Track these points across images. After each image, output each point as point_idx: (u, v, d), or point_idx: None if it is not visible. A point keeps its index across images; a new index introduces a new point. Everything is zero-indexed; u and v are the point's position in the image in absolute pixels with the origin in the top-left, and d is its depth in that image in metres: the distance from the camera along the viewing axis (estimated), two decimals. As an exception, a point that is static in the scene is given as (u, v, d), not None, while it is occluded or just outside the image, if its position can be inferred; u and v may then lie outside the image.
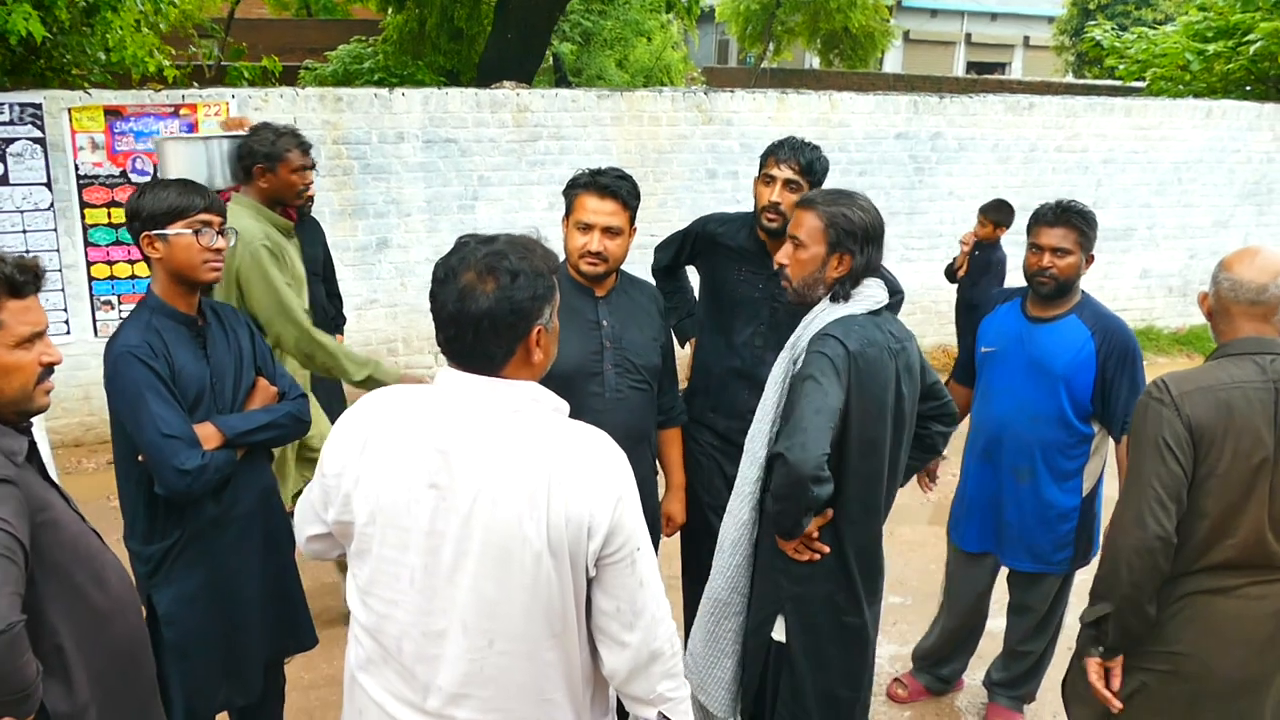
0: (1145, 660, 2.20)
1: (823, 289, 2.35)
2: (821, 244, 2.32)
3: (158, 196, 2.24)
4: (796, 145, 2.79)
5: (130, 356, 2.18)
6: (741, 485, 2.41)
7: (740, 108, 7.17)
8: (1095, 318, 2.95)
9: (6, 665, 1.44)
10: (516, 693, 1.59)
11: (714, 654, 2.48)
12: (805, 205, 2.37)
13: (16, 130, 5.51)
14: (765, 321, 2.84)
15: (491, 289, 1.55)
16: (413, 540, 1.55)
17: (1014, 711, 3.37)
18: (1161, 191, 8.47)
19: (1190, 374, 2.13)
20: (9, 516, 1.53)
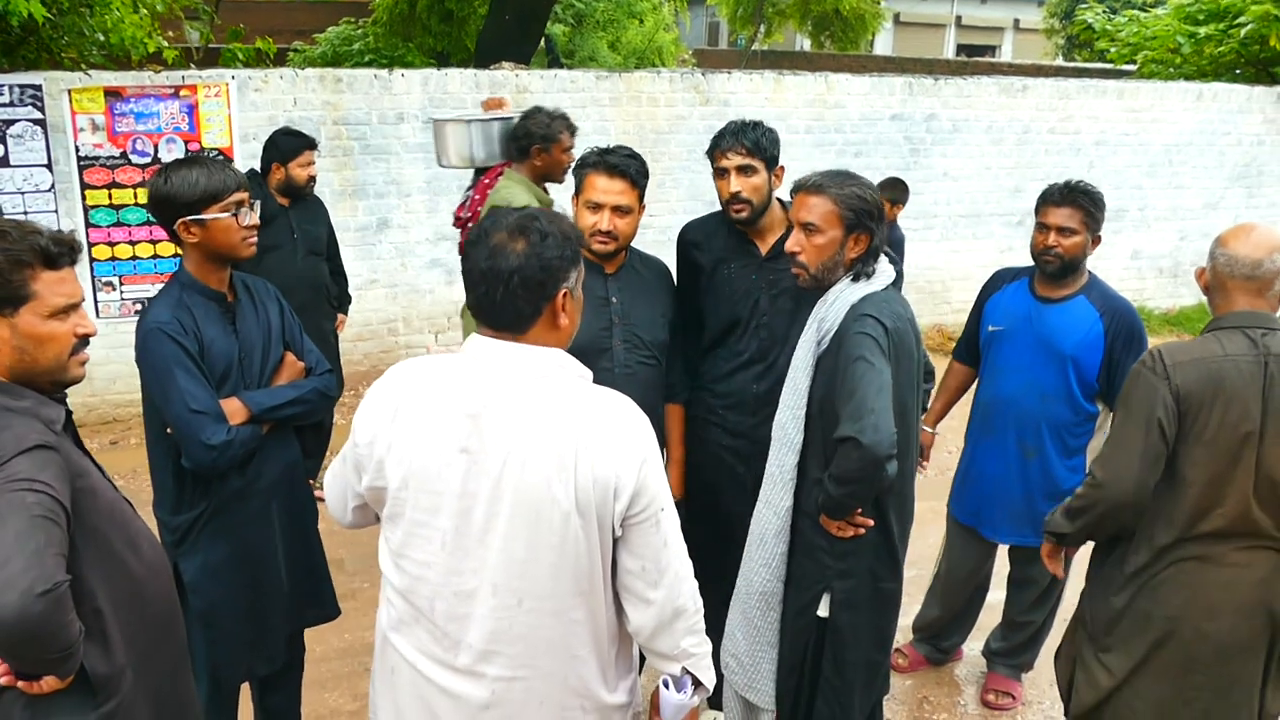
0: (1141, 630, 2.25)
1: (842, 270, 2.36)
2: (838, 227, 2.33)
3: (186, 181, 2.23)
4: (736, 130, 2.73)
5: (160, 333, 2.22)
6: (779, 474, 2.40)
7: (737, 89, 7.20)
8: (1103, 299, 3.00)
9: (52, 623, 1.49)
10: (544, 650, 1.64)
11: (759, 648, 2.49)
12: (813, 190, 2.35)
13: (17, 112, 5.51)
14: (766, 311, 2.80)
15: (522, 247, 1.61)
16: (444, 503, 1.60)
17: (1012, 680, 3.44)
18: (1153, 173, 8.56)
19: (1184, 345, 2.19)
20: (51, 480, 1.56)
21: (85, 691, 1.67)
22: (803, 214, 2.35)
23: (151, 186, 2.26)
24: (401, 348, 6.64)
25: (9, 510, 1.48)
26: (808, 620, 2.42)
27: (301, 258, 4.57)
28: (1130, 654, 2.27)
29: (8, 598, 1.42)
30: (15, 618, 1.42)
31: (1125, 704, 2.28)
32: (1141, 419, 2.17)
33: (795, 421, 2.37)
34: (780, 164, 2.77)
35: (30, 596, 1.43)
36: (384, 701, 1.77)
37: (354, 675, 3.57)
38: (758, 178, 2.69)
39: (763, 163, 2.69)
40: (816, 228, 2.33)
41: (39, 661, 1.56)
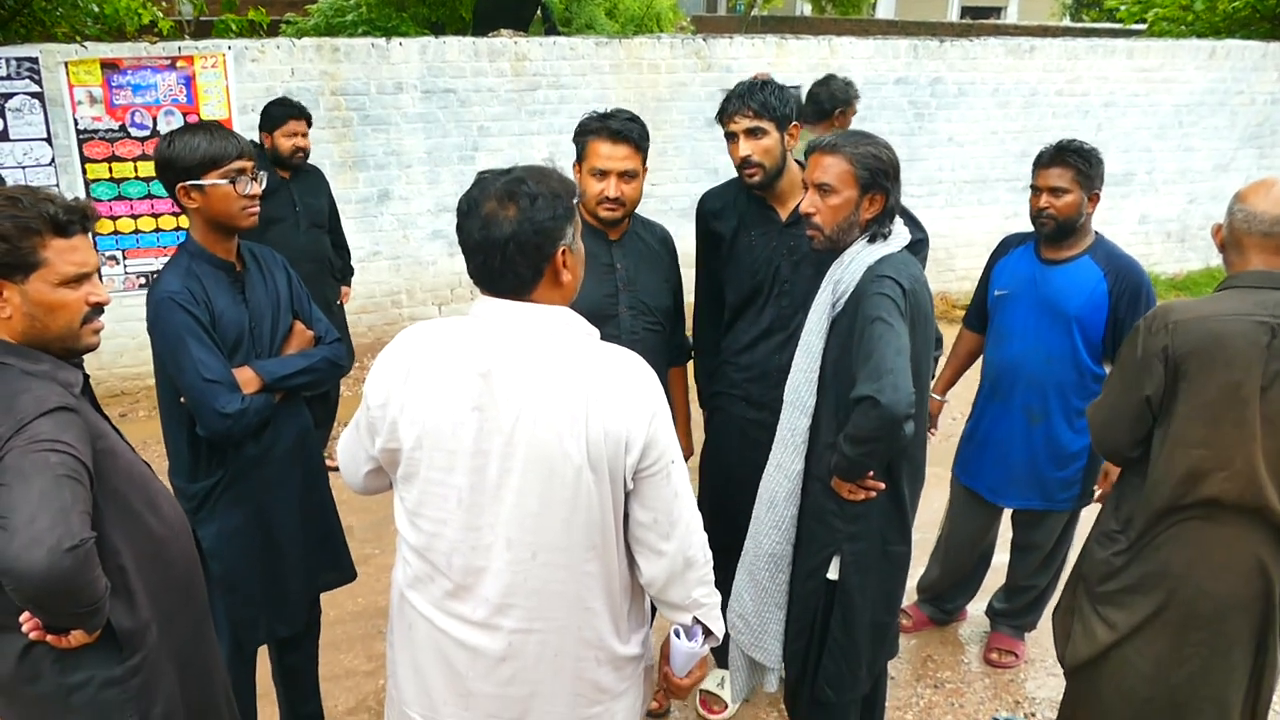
0: (1144, 589, 2.25)
1: (857, 231, 2.33)
2: (853, 187, 2.28)
3: (189, 145, 2.24)
4: (743, 91, 2.66)
5: (171, 302, 2.23)
6: (791, 437, 2.39)
7: (739, 54, 7.12)
8: (1108, 258, 2.96)
9: (81, 579, 1.52)
10: (558, 602, 1.68)
11: (766, 609, 2.50)
12: (828, 150, 2.31)
13: (14, 85, 5.48)
14: (787, 278, 2.75)
15: (513, 214, 1.61)
16: (459, 462, 1.63)
17: (1015, 639, 3.46)
18: (1162, 135, 8.45)
19: (1190, 303, 2.15)
20: (74, 441, 1.59)
21: (111, 646, 1.71)
22: (817, 174, 2.31)
23: (157, 150, 2.28)
24: (405, 319, 6.64)
25: (33, 470, 1.52)
26: (817, 583, 2.43)
27: (304, 230, 4.57)
28: (1132, 611, 2.26)
29: (36, 554, 1.46)
30: (44, 573, 1.46)
31: (1124, 659, 2.28)
32: (1128, 375, 2.18)
33: (808, 384, 2.36)
34: (795, 122, 2.69)
35: (58, 553, 1.47)
36: (402, 657, 1.81)
37: (368, 637, 3.64)
38: (768, 139, 2.63)
39: (773, 123, 2.63)
40: (831, 188, 2.29)
41: (68, 616, 1.60)
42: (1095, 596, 2.34)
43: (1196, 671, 2.23)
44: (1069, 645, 2.43)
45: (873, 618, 2.44)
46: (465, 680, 1.72)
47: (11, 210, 1.66)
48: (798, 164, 2.75)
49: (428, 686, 1.77)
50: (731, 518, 2.90)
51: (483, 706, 1.73)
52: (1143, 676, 2.27)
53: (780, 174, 2.70)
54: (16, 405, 1.59)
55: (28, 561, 1.46)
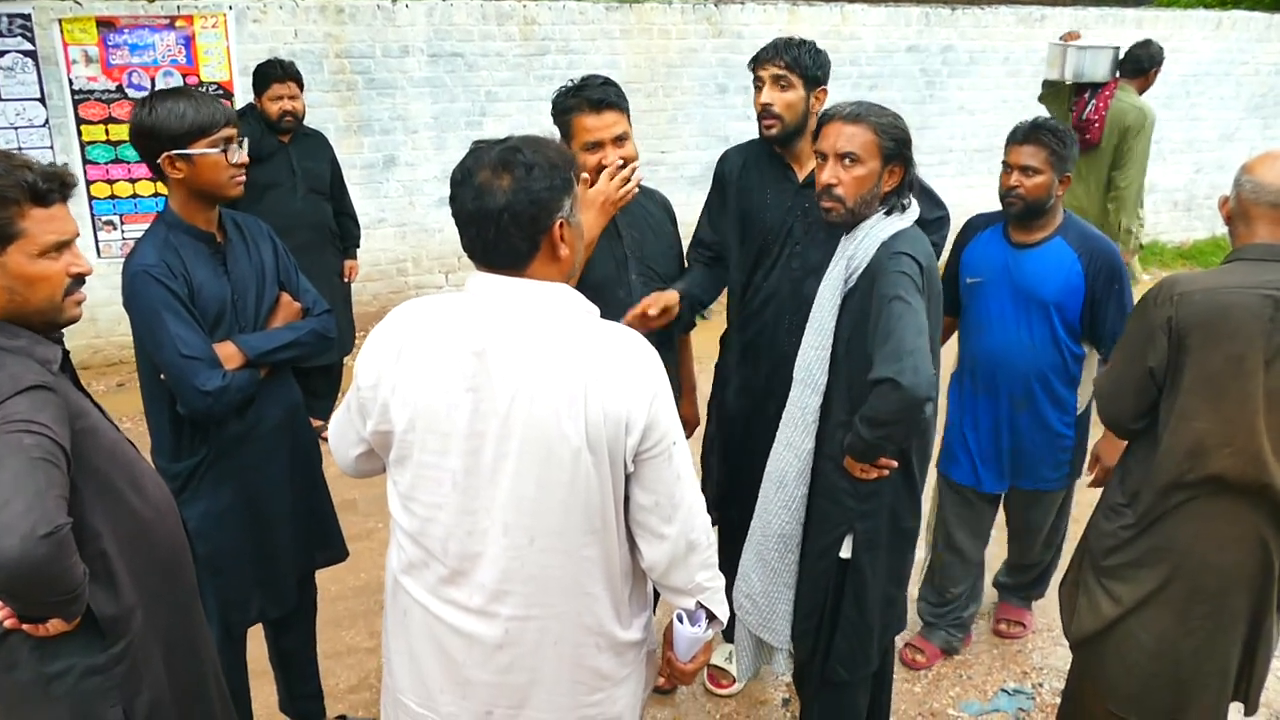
0: (1150, 562, 2.23)
1: (876, 204, 2.26)
2: (877, 158, 2.21)
3: (174, 113, 2.10)
4: (779, 45, 2.63)
5: (147, 276, 2.11)
6: (801, 415, 2.34)
7: (750, 20, 6.99)
8: (1081, 239, 2.88)
9: (56, 567, 1.45)
10: (556, 588, 1.63)
11: (775, 589, 2.47)
12: (850, 119, 2.22)
13: (6, 43, 5.29)
14: (800, 240, 2.71)
15: (507, 183, 1.55)
16: (453, 444, 1.57)
17: (1023, 609, 3.45)
18: (1169, 105, 8.39)
19: (1196, 275, 2.13)
20: (49, 422, 1.52)
21: (94, 633, 1.65)
22: (841, 143, 2.21)
23: (135, 117, 2.12)
24: (411, 288, 6.51)
25: (6, 452, 1.45)
26: (829, 562, 2.39)
27: (301, 196, 4.42)
28: (1139, 585, 2.25)
29: (8, 541, 1.39)
30: (17, 561, 1.40)
31: (1128, 633, 2.28)
32: (1132, 347, 2.18)
33: (820, 362, 2.30)
34: (824, 87, 2.66)
35: (32, 539, 1.40)
36: (397, 644, 1.76)
37: (370, 613, 3.58)
38: (792, 93, 2.60)
39: (800, 79, 2.60)
40: (857, 158, 2.20)
41: (43, 605, 1.53)
42: (1100, 570, 2.33)
43: (1201, 645, 2.23)
44: (1074, 618, 2.43)
45: (884, 593, 2.41)
46: (462, 668, 1.67)
47: None
48: None
49: (423, 674, 1.72)
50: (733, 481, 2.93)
51: (480, 695, 1.68)
52: (1147, 650, 2.26)
53: (800, 133, 2.66)
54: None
55: (0, 549, 1.39)
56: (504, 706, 1.68)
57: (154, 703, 1.75)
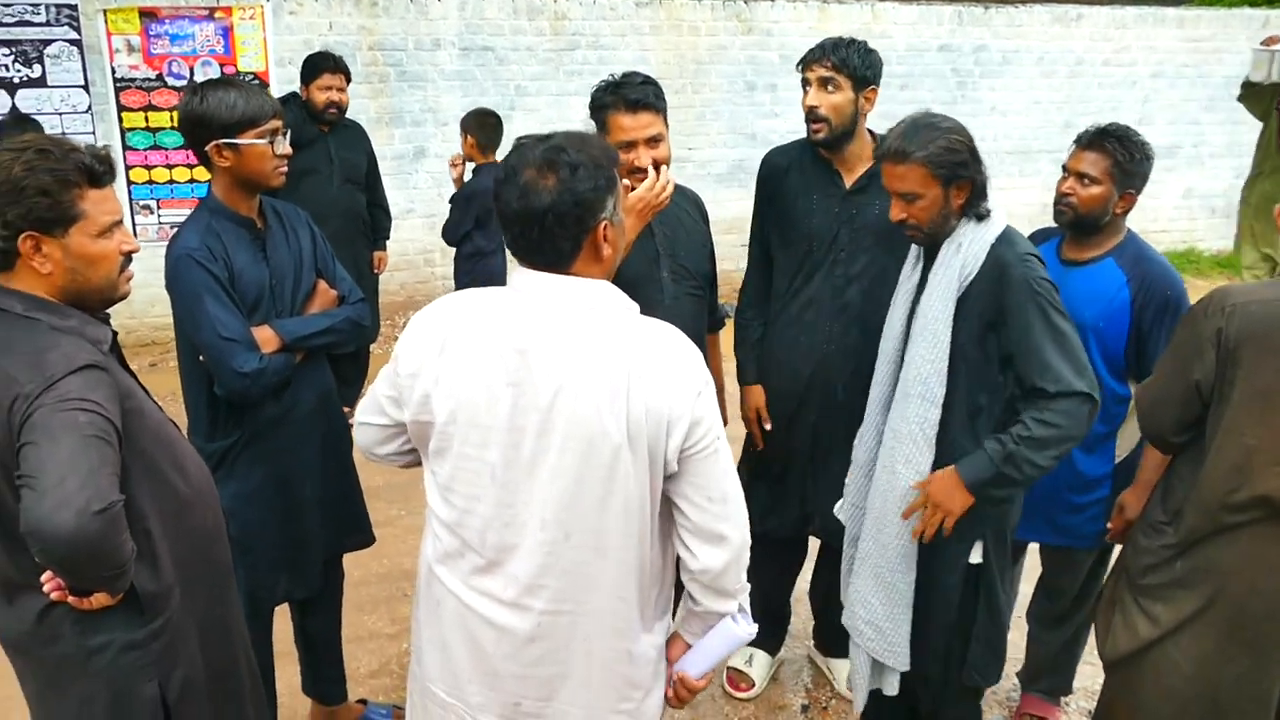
0: (1192, 584, 2.16)
1: (955, 218, 2.22)
2: (935, 186, 2.18)
3: (225, 103, 2.16)
4: (827, 45, 2.58)
5: (189, 259, 2.17)
6: (920, 431, 2.26)
7: (780, 17, 7.00)
8: (1134, 262, 2.57)
9: (108, 543, 1.48)
10: (589, 585, 1.63)
11: (899, 610, 2.39)
12: (897, 159, 2.18)
13: (53, 31, 5.48)
14: (844, 247, 2.67)
15: (552, 183, 1.55)
16: (493, 438, 1.58)
17: (1049, 704, 3.04)
18: (1212, 107, 8.26)
19: (1249, 287, 2.08)
20: (102, 400, 1.55)
21: (134, 609, 1.68)
22: (896, 185, 2.20)
23: (185, 105, 2.18)
24: (438, 278, 6.62)
25: (62, 430, 1.48)
26: (958, 573, 2.34)
27: (337, 185, 4.53)
28: (1179, 606, 2.17)
29: (63, 516, 1.42)
30: (71, 535, 1.42)
31: (1166, 656, 2.20)
32: (1179, 358, 2.10)
33: (938, 375, 2.22)
34: (874, 87, 2.60)
35: (86, 515, 1.43)
36: (428, 633, 1.77)
37: (392, 600, 3.62)
38: (839, 96, 2.55)
39: (848, 80, 2.55)
40: (915, 195, 2.19)
41: (93, 579, 1.57)
42: (1138, 589, 2.25)
43: (1243, 673, 2.14)
44: (1109, 637, 2.34)
45: (1005, 595, 2.39)
46: (492, 659, 1.68)
47: (48, 163, 1.60)
48: (870, 133, 2.67)
49: (454, 664, 1.72)
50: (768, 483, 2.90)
51: (509, 686, 1.69)
52: (1185, 675, 2.18)
53: (849, 137, 2.61)
54: (45, 362, 1.55)
55: (56, 523, 1.42)
56: (532, 699, 1.69)
57: (188, 680, 1.78)
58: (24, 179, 1.58)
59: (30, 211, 1.59)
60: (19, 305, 1.62)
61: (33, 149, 1.60)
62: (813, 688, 3.21)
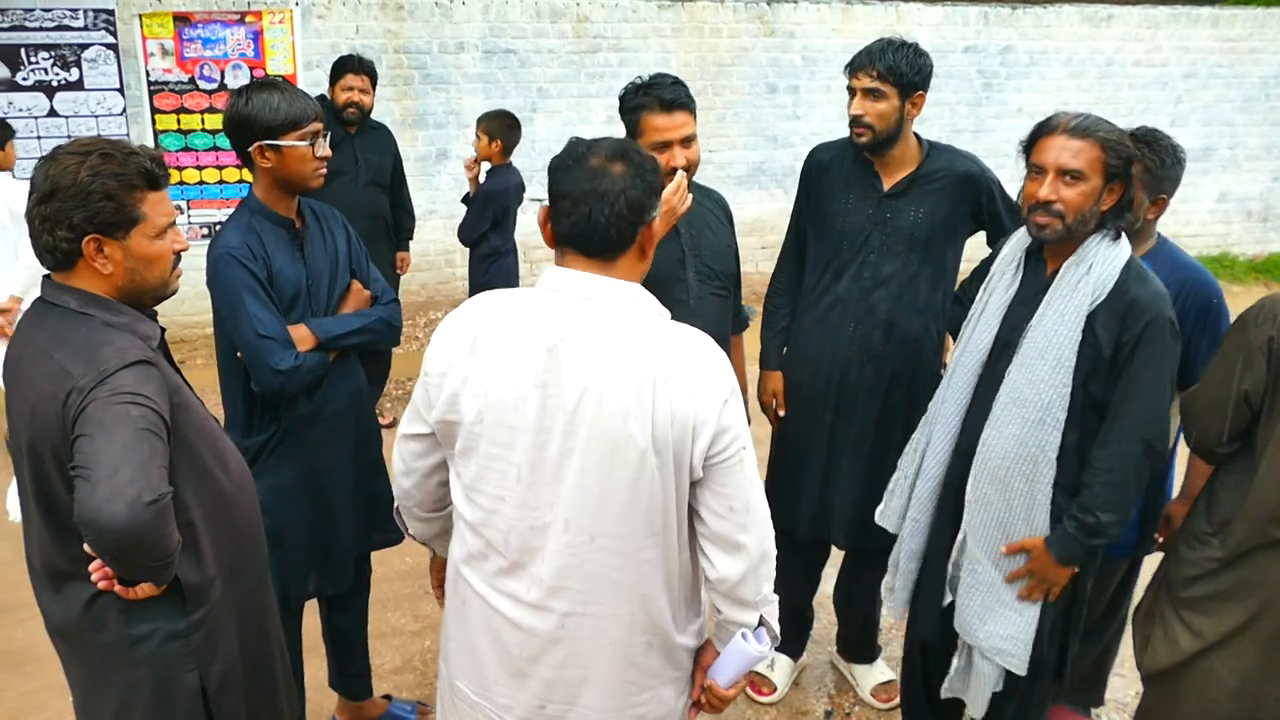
0: (1236, 597, 2.12)
1: (1093, 224, 2.13)
2: (1100, 175, 2.08)
3: (269, 105, 2.21)
4: (874, 51, 2.58)
5: (230, 258, 2.23)
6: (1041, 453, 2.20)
7: (803, 19, 7.01)
8: (1171, 268, 2.48)
9: (158, 533, 1.52)
10: (613, 588, 1.62)
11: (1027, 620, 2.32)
12: (1078, 133, 2.07)
13: (90, 36, 5.66)
14: (875, 250, 2.69)
15: (622, 170, 1.59)
16: (519, 438, 1.58)
17: (1079, 714, 3.00)
18: (1247, 109, 8.10)
19: None
20: (153, 395, 1.59)
21: (177, 600, 1.73)
22: (1065, 158, 2.07)
23: (231, 107, 2.24)
24: (459, 279, 6.71)
25: (115, 422, 1.52)
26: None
27: (362, 187, 4.62)
28: (1221, 619, 2.13)
29: (116, 506, 1.46)
30: (124, 525, 1.46)
31: (1208, 670, 2.16)
32: (1228, 366, 2.05)
33: (1061, 400, 2.15)
34: (921, 91, 2.60)
35: (139, 506, 1.47)
36: (455, 633, 1.79)
37: (415, 597, 3.66)
38: (885, 104, 2.56)
39: (895, 89, 2.55)
40: (1080, 174, 2.06)
41: (141, 568, 1.60)
42: (1179, 601, 2.21)
43: None
44: (1148, 650, 2.29)
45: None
46: (517, 661, 1.69)
47: (111, 167, 1.64)
48: (916, 137, 2.69)
49: (480, 664, 1.74)
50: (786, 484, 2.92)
51: (534, 689, 1.69)
52: (1228, 689, 2.13)
53: (893, 141, 2.61)
54: (99, 357, 1.59)
55: (109, 513, 1.46)
56: (558, 702, 1.69)
57: (226, 672, 1.81)
58: (90, 184, 1.61)
59: (96, 215, 1.63)
60: (74, 301, 1.67)
61: (96, 153, 1.64)
62: (835, 693, 3.20)
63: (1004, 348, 2.25)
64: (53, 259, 1.67)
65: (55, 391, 1.58)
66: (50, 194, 1.61)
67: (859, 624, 3.18)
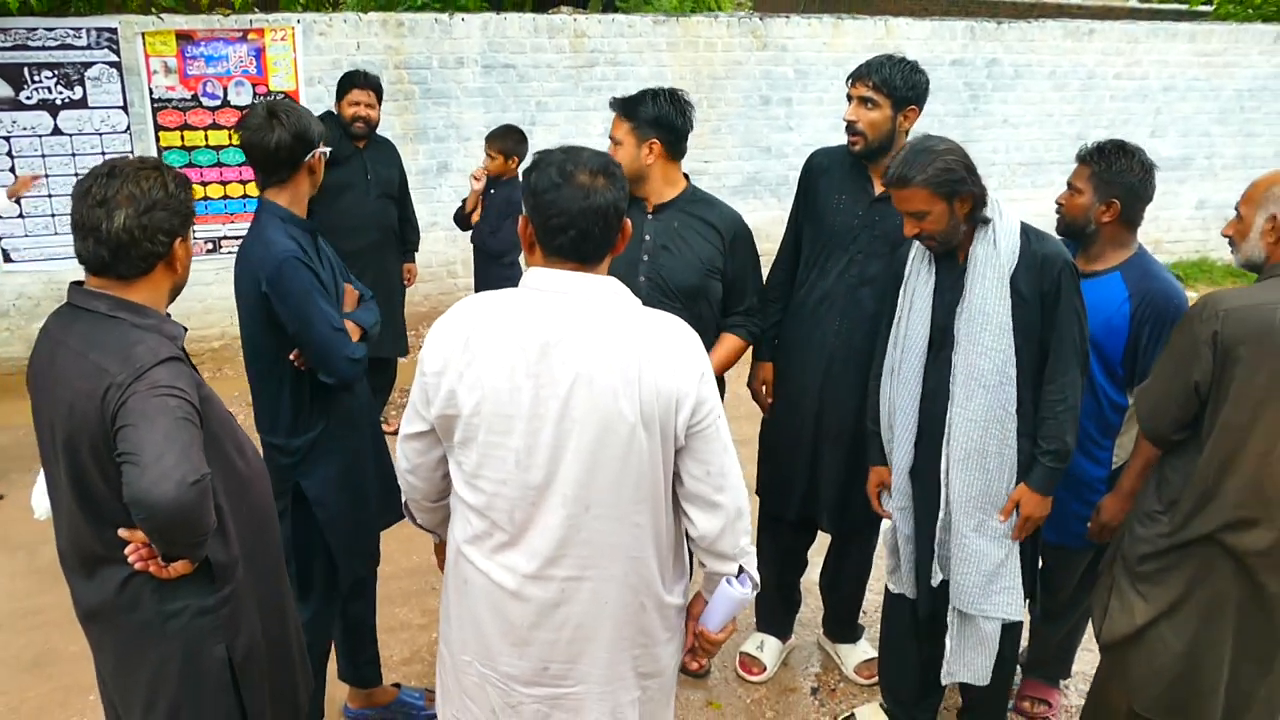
0: (1181, 566, 2.28)
1: (963, 226, 2.43)
2: (940, 203, 2.39)
3: (305, 118, 2.41)
4: (873, 64, 2.78)
5: (296, 261, 2.37)
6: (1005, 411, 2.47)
7: (795, 33, 7.15)
8: (1140, 279, 2.68)
9: (200, 510, 1.65)
10: (609, 552, 1.77)
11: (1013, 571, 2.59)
12: (900, 184, 2.41)
13: (94, 54, 5.70)
14: (863, 249, 2.86)
15: (604, 183, 1.74)
16: (516, 425, 1.72)
17: (1050, 687, 3.20)
18: (1223, 120, 8.33)
19: (1241, 291, 2.20)
20: (186, 388, 1.73)
21: (205, 578, 1.85)
22: (904, 206, 2.44)
23: (289, 127, 2.37)
24: (461, 290, 6.80)
25: (156, 413, 1.65)
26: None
27: (373, 199, 4.70)
28: (1169, 589, 2.31)
29: (165, 487, 1.59)
30: (173, 504, 1.59)
31: (1159, 637, 2.34)
32: (1177, 360, 2.23)
33: (1009, 358, 2.45)
34: (914, 105, 2.77)
35: (184, 486, 1.60)
36: (459, 610, 1.91)
37: (422, 593, 3.80)
38: (877, 113, 2.75)
39: (888, 100, 2.74)
40: (924, 212, 2.41)
41: (184, 545, 1.72)
42: (1135, 575, 2.38)
43: (1230, 656, 2.27)
44: (1106, 621, 2.47)
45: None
46: (519, 629, 1.82)
47: (174, 174, 1.84)
48: None
49: (484, 637, 1.86)
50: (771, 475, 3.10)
51: (536, 652, 1.83)
52: (1175, 655, 2.32)
53: (886, 150, 2.77)
54: (134, 355, 1.72)
55: (159, 494, 1.58)
56: (559, 661, 1.83)
57: (250, 645, 1.94)
58: (178, 192, 1.82)
59: (187, 218, 1.85)
60: (103, 306, 1.79)
61: (154, 165, 1.83)
62: (822, 672, 3.38)
63: (943, 334, 2.52)
64: (144, 264, 1.81)
65: (93, 388, 1.70)
66: (152, 206, 1.78)
67: (844, 606, 3.36)
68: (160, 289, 1.86)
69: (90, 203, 1.76)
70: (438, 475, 1.93)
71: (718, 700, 3.22)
